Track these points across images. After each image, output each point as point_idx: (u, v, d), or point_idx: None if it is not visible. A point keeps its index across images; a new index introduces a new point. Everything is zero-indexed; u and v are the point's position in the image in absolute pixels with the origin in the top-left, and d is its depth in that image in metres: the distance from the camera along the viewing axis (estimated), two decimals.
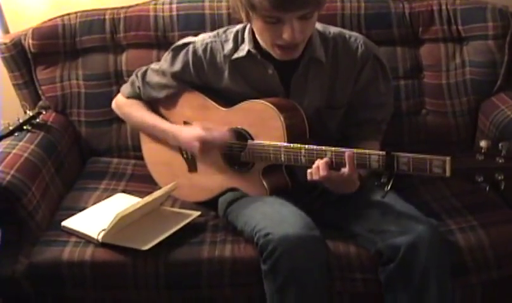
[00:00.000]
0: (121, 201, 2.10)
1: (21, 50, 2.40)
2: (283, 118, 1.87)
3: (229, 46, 1.99)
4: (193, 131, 2.00)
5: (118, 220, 1.87)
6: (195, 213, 2.01)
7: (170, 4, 2.43)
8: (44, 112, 2.26)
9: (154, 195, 2.00)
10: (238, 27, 2.01)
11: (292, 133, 1.88)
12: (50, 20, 2.43)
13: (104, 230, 1.88)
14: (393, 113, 2.10)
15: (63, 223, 1.99)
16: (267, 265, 1.75)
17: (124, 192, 2.19)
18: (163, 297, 1.88)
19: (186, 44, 2.05)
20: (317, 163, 1.75)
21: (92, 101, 2.42)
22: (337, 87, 1.98)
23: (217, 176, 2.06)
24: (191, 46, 2.04)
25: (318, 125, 1.96)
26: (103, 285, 1.89)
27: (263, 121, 1.92)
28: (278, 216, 1.81)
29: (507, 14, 2.35)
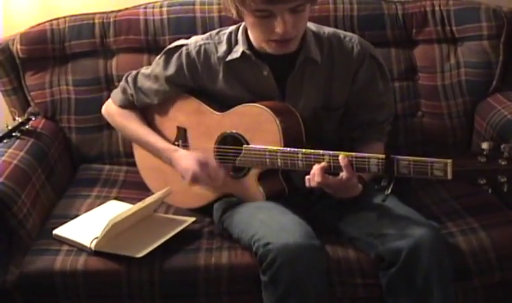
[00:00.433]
0: (114, 208, 2.07)
1: (9, 56, 2.37)
2: (279, 121, 1.85)
3: (223, 48, 1.97)
4: (188, 164, 1.95)
5: (111, 227, 1.83)
6: (190, 219, 1.98)
7: (160, 8, 2.41)
8: (34, 119, 2.23)
9: (147, 201, 1.97)
10: (231, 28, 1.99)
11: (288, 137, 1.85)
12: (38, 25, 2.41)
13: (97, 238, 1.85)
14: None
15: (55, 232, 1.95)
16: (267, 276, 1.72)
17: (116, 199, 2.16)
18: None
19: (179, 47, 2.03)
20: (314, 169, 1.73)
21: (82, 107, 2.39)
22: (333, 88, 1.96)
23: None
24: (184, 48, 2.01)
25: (314, 128, 1.94)
26: (96, 295, 1.85)
27: (258, 125, 1.89)
28: (277, 224, 1.78)
29: (501, 14, 2.35)
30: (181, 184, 2.08)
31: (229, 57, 1.95)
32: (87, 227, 1.96)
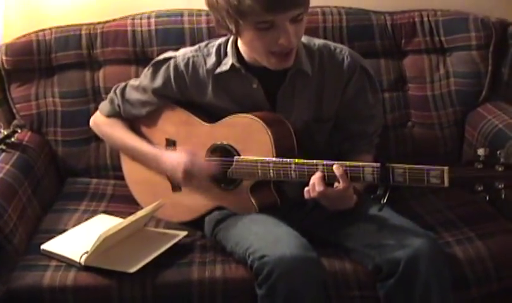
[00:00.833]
0: (103, 222, 2.03)
1: None
2: (271, 132, 1.82)
3: (212, 60, 1.94)
4: (177, 159, 1.94)
5: (102, 241, 1.79)
6: (182, 233, 1.95)
7: (148, 19, 2.38)
8: (19, 131, 2.19)
9: (138, 214, 1.93)
10: (220, 40, 1.97)
11: (280, 147, 1.83)
12: (24, 36, 2.37)
13: (87, 253, 1.81)
14: None
15: (43, 247, 1.91)
16: (264, 289, 1.68)
17: (105, 212, 2.12)
18: None
19: (167, 59, 2.00)
20: (312, 180, 1.71)
21: (69, 119, 2.36)
22: (324, 100, 1.94)
23: (203, 195, 1.99)
24: (172, 61, 1.98)
25: (305, 139, 1.92)
26: None
27: (249, 135, 1.87)
28: (272, 236, 1.75)
29: (489, 23, 2.36)
30: (171, 198, 2.05)
31: (218, 70, 1.92)
32: (76, 242, 1.91)
